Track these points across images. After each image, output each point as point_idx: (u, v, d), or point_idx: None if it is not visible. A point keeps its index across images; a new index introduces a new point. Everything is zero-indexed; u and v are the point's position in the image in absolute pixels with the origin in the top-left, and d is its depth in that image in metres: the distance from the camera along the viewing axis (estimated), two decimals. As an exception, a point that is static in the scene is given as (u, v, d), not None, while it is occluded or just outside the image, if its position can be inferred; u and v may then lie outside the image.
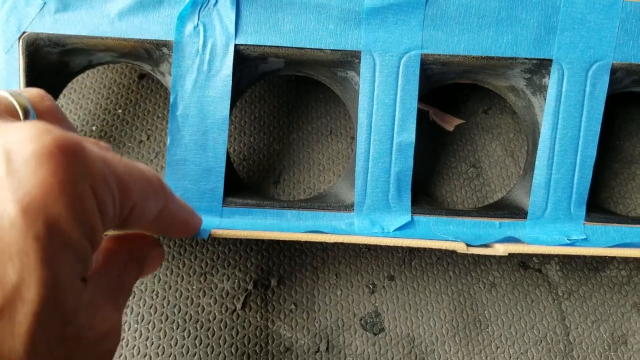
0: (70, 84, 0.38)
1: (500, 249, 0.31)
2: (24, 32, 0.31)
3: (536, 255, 0.35)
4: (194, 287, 0.33)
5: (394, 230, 0.32)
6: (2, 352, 0.15)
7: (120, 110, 0.38)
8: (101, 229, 0.18)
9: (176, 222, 0.23)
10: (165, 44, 0.31)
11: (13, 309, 0.15)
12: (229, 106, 0.32)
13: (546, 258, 0.35)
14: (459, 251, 0.30)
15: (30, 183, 0.16)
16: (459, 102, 0.39)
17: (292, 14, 0.31)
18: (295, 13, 0.31)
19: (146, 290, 0.33)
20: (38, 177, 0.16)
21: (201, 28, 0.31)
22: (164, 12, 0.31)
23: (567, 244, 0.32)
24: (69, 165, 0.16)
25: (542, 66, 0.32)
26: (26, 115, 0.20)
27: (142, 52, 0.32)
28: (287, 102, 0.39)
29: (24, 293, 0.15)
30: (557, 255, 0.35)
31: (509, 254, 0.31)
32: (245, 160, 0.37)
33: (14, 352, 0.15)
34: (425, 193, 0.36)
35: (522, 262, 0.34)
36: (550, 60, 0.32)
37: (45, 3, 0.31)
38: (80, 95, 0.38)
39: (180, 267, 0.33)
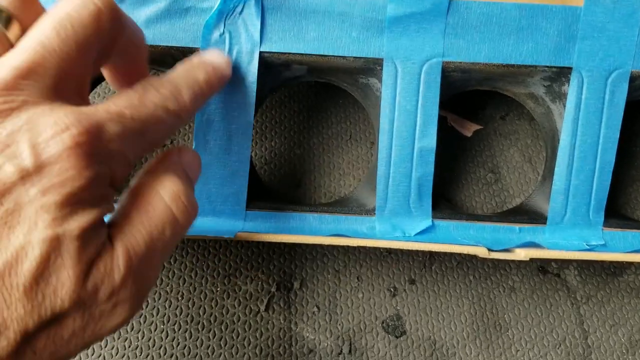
0: (95, 90, 0.39)
1: (522, 254, 0.31)
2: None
3: (555, 260, 0.35)
4: (218, 289, 0.33)
5: (415, 235, 0.33)
6: None
7: (144, 115, 0.39)
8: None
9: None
10: (191, 51, 0.32)
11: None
12: (253, 112, 0.32)
13: (565, 263, 0.35)
14: (480, 256, 0.31)
15: (60, 180, 0.18)
16: (477, 108, 0.40)
17: (315, 22, 0.32)
18: (319, 21, 0.32)
19: (172, 291, 0.33)
20: (69, 175, 0.18)
21: (227, 36, 0.32)
22: (190, 20, 0.32)
23: (586, 249, 0.32)
24: (96, 157, 0.19)
25: (561, 74, 0.32)
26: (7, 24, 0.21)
27: (168, 59, 0.33)
28: (308, 107, 0.39)
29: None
30: (576, 260, 0.35)
31: (529, 258, 0.31)
32: (267, 164, 0.38)
33: None
34: (445, 198, 0.37)
35: (541, 266, 0.35)
36: (570, 69, 0.32)
37: (74, 11, 0.32)
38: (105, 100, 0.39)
39: (205, 269, 0.34)
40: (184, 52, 0.32)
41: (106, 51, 0.24)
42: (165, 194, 0.23)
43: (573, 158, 0.33)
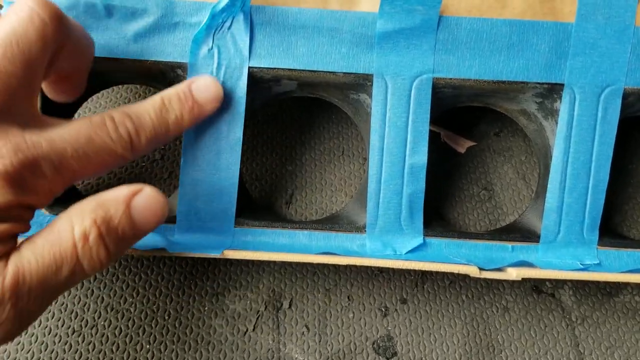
0: (85, 104, 0.39)
1: (514, 274, 0.30)
2: (41, 54, 0.32)
3: (549, 280, 0.34)
4: (206, 308, 0.33)
5: (406, 253, 0.32)
6: None
7: (133, 131, 0.38)
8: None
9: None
10: (180, 66, 0.32)
11: None
12: (242, 127, 0.32)
13: (559, 282, 0.34)
14: (472, 275, 0.30)
15: None
16: (471, 125, 0.39)
17: (305, 38, 0.32)
18: (309, 37, 0.32)
19: (158, 310, 0.33)
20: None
21: (215, 51, 0.32)
22: (179, 34, 0.32)
23: (580, 269, 0.32)
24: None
25: (553, 90, 0.32)
26: None
27: (156, 73, 0.33)
28: (299, 122, 0.39)
29: None
30: (570, 280, 0.34)
31: (522, 278, 0.31)
32: (258, 180, 0.37)
33: None
34: (437, 215, 0.36)
35: (535, 286, 0.34)
36: (562, 85, 0.32)
37: (63, 26, 0.32)
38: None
39: (192, 287, 0.33)
40: (173, 67, 0.32)
41: (51, 60, 0.24)
42: (77, 232, 0.22)
43: (566, 175, 0.32)
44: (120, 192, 0.23)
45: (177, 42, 0.32)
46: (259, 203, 0.36)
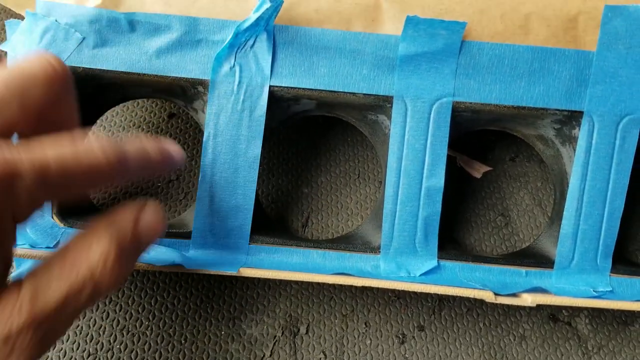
0: (99, 122, 0.39)
1: (529, 300, 0.31)
2: (62, 66, 0.32)
3: (566, 308, 0.34)
4: (223, 332, 0.33)
5: (420, 275, 0.32)
6: None
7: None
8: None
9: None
10: (201, 83, 0.32)
11: None
12: (260, 145, 0.32)
13: (576, 311, 0.34)
14: (487, 300, 0.30)
15: None
16: (486, 149, 0.39)
17: (326, 59, 0.32)
18: (330, 57, 0.32)
19: (174, 334, 0.32)
20: None
21: (237, 69, 0.32)
22: (201, 52, 0.32)
23: (593, 296, 0.32)
24: None
25: (572, 118, 0.32)
26: None
27: (176, 89, 0.33)
28: (316, 144, 0.39)
29: None
30: (587, 308, 0.34)
31: (538, 305, 0.31)
32: (274, 202, 0.37)
33: None
34: (454, 241, 0.36)
35: (552, 314, 0.34)
36: (581, 113, 0.32)
37: (84, 38, 0.32)
38: (110, 134, 0.39)
39: (209, 311, 0.33)
40: (194, 83, 0.32)
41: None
42: (95, 252, 0.21)
43: (582, 203, 0.33)
44: (130, 210, 0.23)
45: (199, 59, 0.32)
46: (275, 225, 0.36)
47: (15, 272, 0.30)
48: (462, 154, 0.39)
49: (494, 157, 0.39)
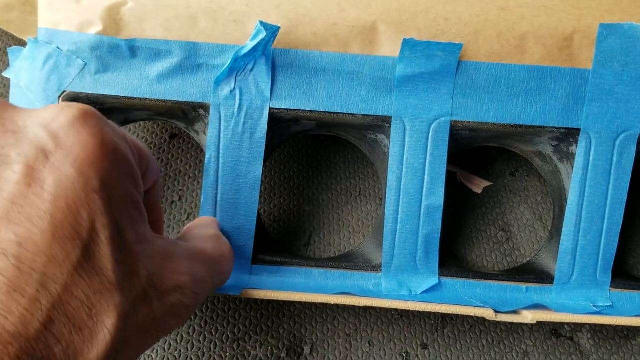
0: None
1: (529, 317, 0.31)
2: (64, 91, 0.32)
3: (567, 323, 0.35)
4: (228, 354, 0.33)
5: (421, 293, 0.32)
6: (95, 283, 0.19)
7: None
8: (140, 178, 0.23)
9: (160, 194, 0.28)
10: (202, 106, 0.32)
11: (93, 247, 0.19)
12: (261, 167, 0.33)
13: (578, 326, 0.35)
14: (487, 318, 0.30)
15: (77, 148, 0.19)
16: (486, 164, 0.40)
17: (325, 80, 0.32)
18: (329, 79, 0.32)
19: (180, 357, 0.33)
20: (81, 142, 0.19)
21: (237, 92, 0.32)
22: (201, 76, 0.32)
23: (593, 312, 0.32)
24: (100, 126, 0.20)
25: (570, 135, 0.33)
26: None
27: (178, 113, 0.33)
28: (317, 162, 0.39)
29: (98, 235, 0.19)
30: (588, 323, 0.35)
31: (539, 322, 0.31)
32: (276, 221, 0.37)
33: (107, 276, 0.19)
34: (455, 257, 0.37)
35: (554, 330, 0.35)
36: (578, 130, 0.32)
37: (86, 64, 0.32)
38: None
39: (214, 332, 0.33)
40: (195, 107, 0.32)
41: None
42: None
43: (581, 218, 0.33)
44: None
45: (199, 83, 0.32)
46: (278, 244, 0.37)
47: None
48: (462, 169, 0.39)
49: (494, 172, 0.39)
